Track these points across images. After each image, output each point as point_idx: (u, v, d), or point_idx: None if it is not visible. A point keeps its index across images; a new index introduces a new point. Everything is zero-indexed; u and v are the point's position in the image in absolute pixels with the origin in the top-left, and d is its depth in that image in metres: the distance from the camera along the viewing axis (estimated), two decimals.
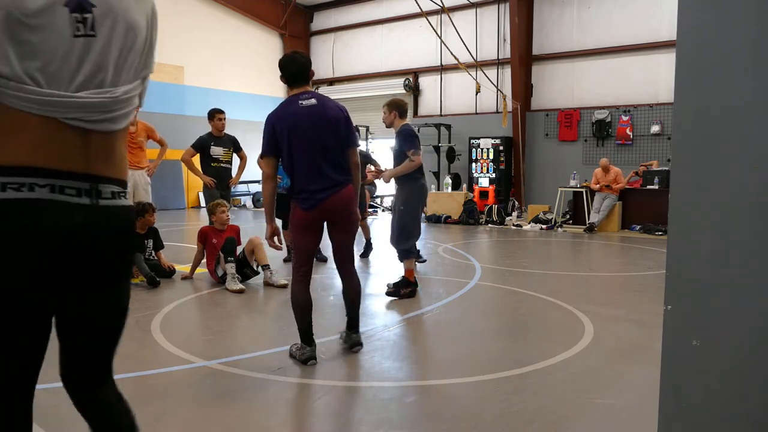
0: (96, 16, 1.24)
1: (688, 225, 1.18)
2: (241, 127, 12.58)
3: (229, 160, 6.66)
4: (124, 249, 1.41)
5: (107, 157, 1.33)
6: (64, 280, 1.30)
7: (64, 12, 1.19)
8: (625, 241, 9.51)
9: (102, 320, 1.44)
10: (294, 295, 3.49)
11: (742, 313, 1.13)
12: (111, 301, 1.44)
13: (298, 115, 3.35)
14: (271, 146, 3.37)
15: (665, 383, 1.22)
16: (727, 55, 1.11)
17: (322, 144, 3.36)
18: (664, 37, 11.65)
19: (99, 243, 1.32)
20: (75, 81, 1.23)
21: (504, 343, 4.08)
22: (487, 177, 13.76)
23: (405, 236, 5.34)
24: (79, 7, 1.21)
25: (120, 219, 1.37)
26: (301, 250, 3.47)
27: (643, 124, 12.21)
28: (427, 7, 11.60)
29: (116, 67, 1.30)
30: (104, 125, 1.30)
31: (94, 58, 1.25)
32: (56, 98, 1.20)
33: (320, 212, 3.41)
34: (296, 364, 3.48)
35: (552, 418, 2.77)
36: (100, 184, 1.31)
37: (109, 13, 1.26)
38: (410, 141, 5.22)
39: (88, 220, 1.28)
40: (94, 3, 1.23)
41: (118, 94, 1.30)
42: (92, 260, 1.33)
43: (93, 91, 1.25)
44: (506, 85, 13.82)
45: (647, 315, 4.64)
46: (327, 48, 17.57)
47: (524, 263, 7.33)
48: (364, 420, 2.80)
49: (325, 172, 3.36)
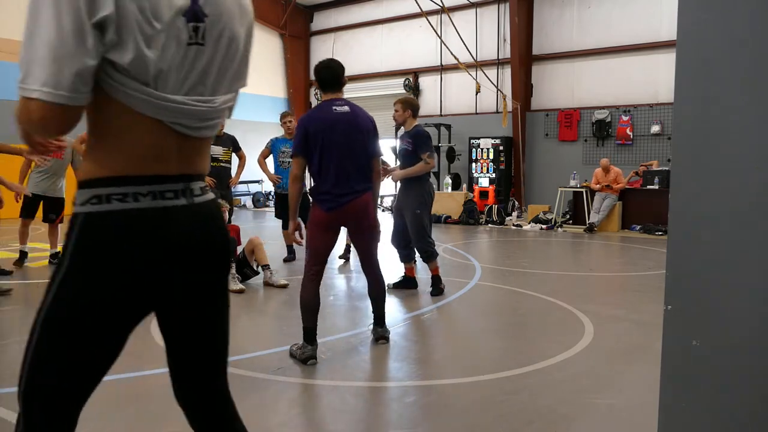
0: (207, 26, 1.26)
1: (688, 225, 1.18)
2: (240, 127, 12.56)
3: (229, 159, 6.66)
4: (225, 242, 1.41)
5: (196, 158, 1.35)
6: (171, 286, 1.31)
7: (182, 21, 1.22)
8: (625, 241, 9.51)
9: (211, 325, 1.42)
10: (304, 293, 3.56)
11: (742, 313, 1.13)
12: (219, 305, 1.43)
13: (332, 120, 3.50)
14: (302, 147, 3.49)
15: (665, 383, 1.22)
16: (727, 55, 1.11)
17: (352, 150, 3.53)
18: (664, 37, 11.65)
19: (203, 241, 1.33)
20: (183, 88, 1.25)
21: (504, 343, 4.08)
22: (487, 177, 13.76)
23: (426, 237, 5.32)
24: (195, 17, 1.23)
25: (214, 213, 1.38)
26: (315, 250, 3.56)
27: (643, 124, 12.21)
28: (427, 7, 11.60)
29: (217, 77, 1.31)
30: (201, 132, 1.31)
31: (200, 67, 1.27)
32: (169, 103, 1.22)
33: (340, 215, 3.55)
34: (296, 364, 3.48)
35: (552, 418, 2.77)
36: (191, 183, 1.32)
37: (217, 24, 1.28)
38: (427, 144, 5.21)
39: (189, 220, 1.30)
40: (207, 13, 1.25)
41: (217, 104, 1.32)
42: (199, 259, 1.33)
43: (196, 98, 1.27)
44: (506, 85, 13.82)
45: (647, 315, 4.64)
46: (327, 48, 17.57)
47: (524, 263, 7.33)
48: (364, 420, 2.80)
49: (351, 177, 3.53)
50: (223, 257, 1.41)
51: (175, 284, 1.31)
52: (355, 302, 5.12)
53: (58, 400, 1.26)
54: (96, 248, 1.21)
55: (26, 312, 4.64)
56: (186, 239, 1.29)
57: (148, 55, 1.17)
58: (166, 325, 1.40)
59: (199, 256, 1.33)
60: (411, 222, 5.31)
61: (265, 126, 15.98)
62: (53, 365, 1.24)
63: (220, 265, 1.41)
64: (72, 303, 1.22)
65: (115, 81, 1.18)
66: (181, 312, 1.37)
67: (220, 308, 1.43)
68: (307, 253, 3.59)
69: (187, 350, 1.42)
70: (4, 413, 2.74)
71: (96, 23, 1.11)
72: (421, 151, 5.15)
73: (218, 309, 1.43)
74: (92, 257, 1.21)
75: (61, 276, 1.22)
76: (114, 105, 1.20)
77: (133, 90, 1.18)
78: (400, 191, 5.48)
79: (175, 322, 1.39)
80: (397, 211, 5.52)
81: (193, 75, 1.26)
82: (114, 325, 1.26)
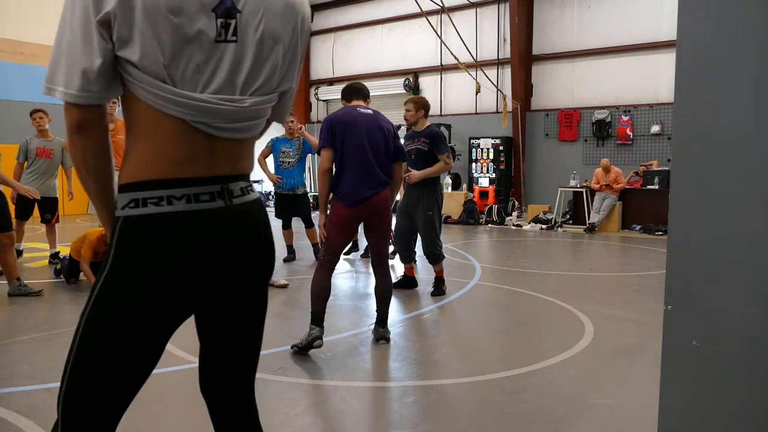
0: (240, 22, 1.22)
1: (688, 225, 1.18)
2: None
3: None
4: (268, 244, 1.39)
5: (235, 158, 1.31)
6: (211, 287, 1.30)
7: (210, 16, 1.19)
8: (625, 241, 9.51)
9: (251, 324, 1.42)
10: (315, 278, 3.69)
11: (742, 313, 1.13)
12: (258, 307, 1.42)
13: (356, 118, 3.70)
14: (329, 140, 3.63)
15: (665, 383, 1.22)
16: (727, 55, 1.11)
17: (374, 147, 3.69)
18: (664, 37, 11.65)
19: (242, 243, 1.31)
20: (209, 86, 1.21)
21: (504, 343, 4.08)
22: (487, 177, 13.76)
23: (437, 240, 5.27)
24: (226, 13, 1.20)
25: (255, 214, 1.35)
26: (332, 246, 3.69)
27: (643, 124, 12.21)
28: (427, 7, 11.59)
29: (248, 77, 1.26)
30: (229, 133, 1.27)
31: (229, 65, 1.23)
32: (189, 100, 1.19)
33: (362, 210, 3.66)
34: (296, 363, 3.48)
35: (552, 418, 2.77)
36: (230, 184, 1.29)
37: (252, 21, 1.24)
38: (445, 144, 5.19)
39: (226, 222, 1.27)
40: (240, 9, 1.22)
41: (246, 105, 1.27)
42: (239, 261, 1.32)
43: (221, 97, 1.23)
44: (506, 85, 13.81)
45: (647, 315, 4.64)
46: (327, 48, 17.57)
47: (524, 263, 7.33)
48: (364, 420, 2.80)
49: (372, 172, 3.67)
50: (266, 258, 1.39)
51: (214, 286, 1.30)
52: (355, 302, 5.12)
53: (98, 404, 1.24)
54: (134, 251, 1.21)
55: (26, 312, 4.63)
56: (222, 241, 1.27)
57: (157, 51, 1.15)
58: (202, 326, 1.40)
59: (238, 257, 1.31)
60: (423, 224, 5.23)
61: None
62: (93, 368, 1.23)
63: (262, 265, 1.39)
64: (112, 305, 1.22)
65: (134, 78, 1.17)
66: (219, 314, 1.36)
67: (257, 310, 1.42)
68: (323, 247, 3.71)
69: (221, 351, 1.41)
70: (4, 413, 2.74)
71: (101, 21, 1.11)
72: (438, 152, 5.10)
73: (256, 311, 1.42)
74: (131, 260, 1.21)
75: (103, 278, 1.23)
76: (138, 104, 1.20)
77: (149, 86, 1.17)
78: (410, 192, 5.33)
79: (211, 324, 1.38)
80: (403, 212, 5.39)
81: (220, 73, 1.22)
82: (154, 327, 1.25)
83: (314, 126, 16.86)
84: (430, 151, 5.12)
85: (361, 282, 5.99)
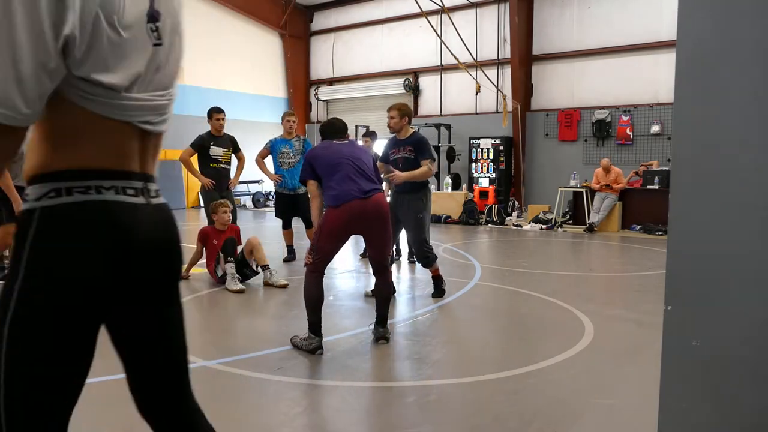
0: (162, 25, 1.26)
1: (688, 225, 1.18)
2: (241, 127, 12.59)
3: (228, 161, 6.62)
4: (179, 245, 1.41)
5: (150, 158, 1.34)
6: (132, 285, 1.28)
7: (147, 24, 1.22)
8: (625, 241, 9.51)
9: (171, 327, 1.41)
10: (307, 288, 3.71)
11: (742, 314, 1.13)
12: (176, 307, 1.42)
13: (333, 145, 3.90)
14: (309, 173, 3.83)
15: (665, 383, 1.22)
16: (727, 55, 1.11)
17: (355, 159, 3.80)
18: (664, 37, 11.65)
19: (160, 241, 1.32)
20: (150, 86, 1.26)
21: (504, 343, 4.08)
22: (487, 177, 13.76)
23: (426, 243, 5.22)
24: (152, 18, 1.23)
25: (170, 216, 1.38)
26: (322, 254, 3.70)
27: (643, 124, 12.21)
28: (427, 7, 11.60)
29: (170, 69, 1.33)
30: (161, 126, 1.33)
31: (160, 64, 1.28)
32: (139, 102, 1.22)
33: (354, 218, 3.66)
34: (296, 363, 3.48)
35: (552, 418, 2.77)
36: (148, 183, 1.31)
37: (168, 21, 1.29)
38: (430, 150, 5.17)
39: (147, 218, 1.28)
40: (161, 12, 1.25)
41: (173, 96, 1.35)
42: (157, 260, 1.32)
43: (158, 93, 1.28)
44: (506, 85, 13.82)
45: (647, 315, 4.64)
46: (327, 48, 17.57)
47: (524, 263, 7.33)
48: (364, 420, 2.80)
49: (356, 179, 3.72)
50: (178, 260, 1.40)
51: (136, 282, 1.28)
52: (355, 302, 5.12)
53: (40, 419, 1.18)
54: (57, 243, 1.14)
55: None
56: (145, 237, 1.27)
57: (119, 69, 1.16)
58: (118, 334, 1.36)
59: (157, 256, 1.31)
60: (413, 227, 5.17)
61: (265, 126, 15.97)
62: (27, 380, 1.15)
63: (175, 267, 1.40)
64: (39, 309, 1.14)
65: (86, 92, 1.14)
66: (139, 312, 1.34)
67: (176, 311, 1.43)
68: (314, 253, 3.69)
69: (146, 355, 1.38)
70: None
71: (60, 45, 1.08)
72: (422, 158, 5.04)
73: (174, 312, 1.42)
74: (53, 254, 1.13)
75: (20, 282, 1.13)
76: (76, 109, 1.16)
77: (106, 98, 1.16)
78: (398, 196, 5.28)
79: (132, 324, 1.34)
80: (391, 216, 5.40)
81: (158, 72, 1.27)
82: (85, 325, 1.20)
83: (314, 126, 16.86)
84: (416, 159, 5.08)
85: (361, 282, 5.99)
